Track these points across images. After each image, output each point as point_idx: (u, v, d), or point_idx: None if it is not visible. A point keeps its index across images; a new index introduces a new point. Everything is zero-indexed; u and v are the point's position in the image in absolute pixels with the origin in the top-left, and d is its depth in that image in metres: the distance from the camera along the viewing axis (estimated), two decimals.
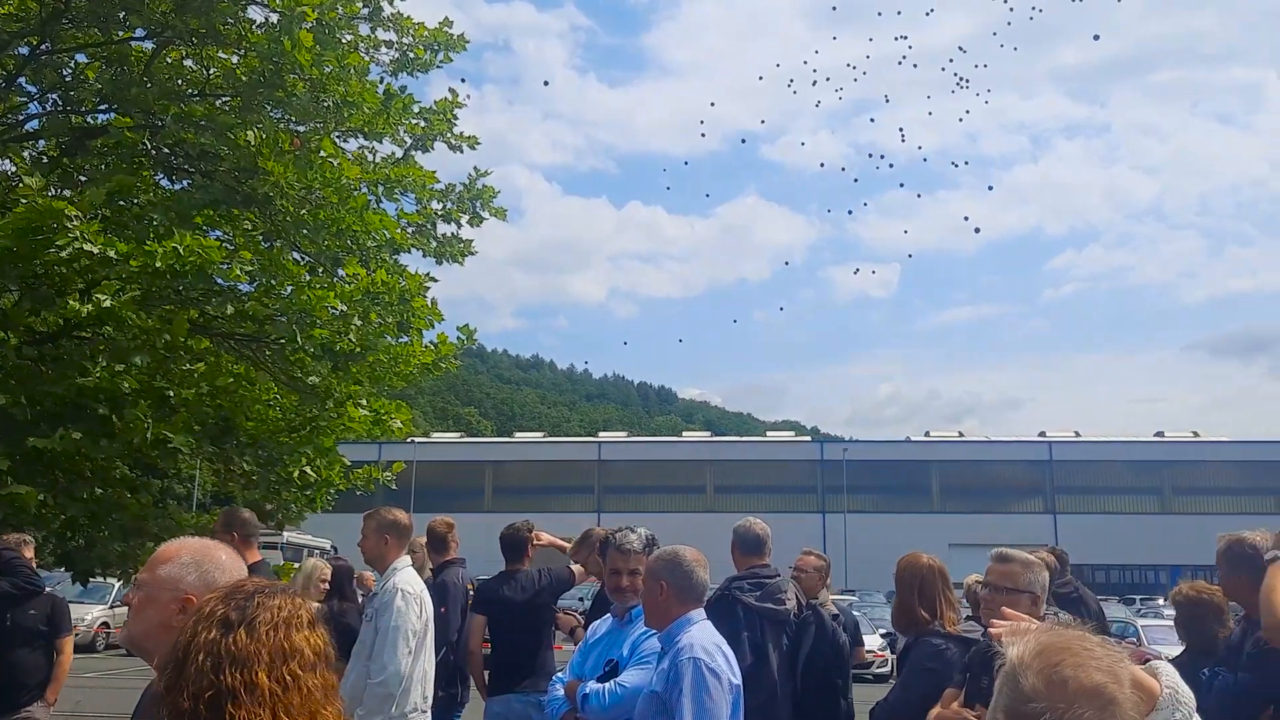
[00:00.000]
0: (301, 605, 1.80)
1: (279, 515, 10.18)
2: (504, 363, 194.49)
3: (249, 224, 9.21)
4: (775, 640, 5.06)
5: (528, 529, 6.70)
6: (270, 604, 1.75)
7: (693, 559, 3.80)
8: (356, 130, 9.28)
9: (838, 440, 76.87)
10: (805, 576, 7.18)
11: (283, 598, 1.78)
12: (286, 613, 1.75)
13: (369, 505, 6.29)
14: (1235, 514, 53.60)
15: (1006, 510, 61.82)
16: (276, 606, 1.75)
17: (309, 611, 1.80)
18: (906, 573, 4.63)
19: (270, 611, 1.73)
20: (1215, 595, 4.92)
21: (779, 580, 5.27)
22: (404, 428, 9.87)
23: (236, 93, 8.81)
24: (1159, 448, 65.31)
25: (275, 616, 1.73)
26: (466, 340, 9.84)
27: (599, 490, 64.43)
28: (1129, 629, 23.22)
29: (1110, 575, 57.94)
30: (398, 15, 9.54)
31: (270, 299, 8.37)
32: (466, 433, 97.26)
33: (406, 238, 9.65)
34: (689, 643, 3.55)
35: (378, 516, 5.58)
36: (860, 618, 24.22)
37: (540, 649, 6.41)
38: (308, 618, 1.78)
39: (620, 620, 4.31)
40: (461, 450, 70.61)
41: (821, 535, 57.53)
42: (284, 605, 1.76)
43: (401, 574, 5.42)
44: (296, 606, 1.78)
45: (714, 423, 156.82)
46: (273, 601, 1.76)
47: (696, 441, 73.62)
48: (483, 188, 10.05)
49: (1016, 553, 4.00)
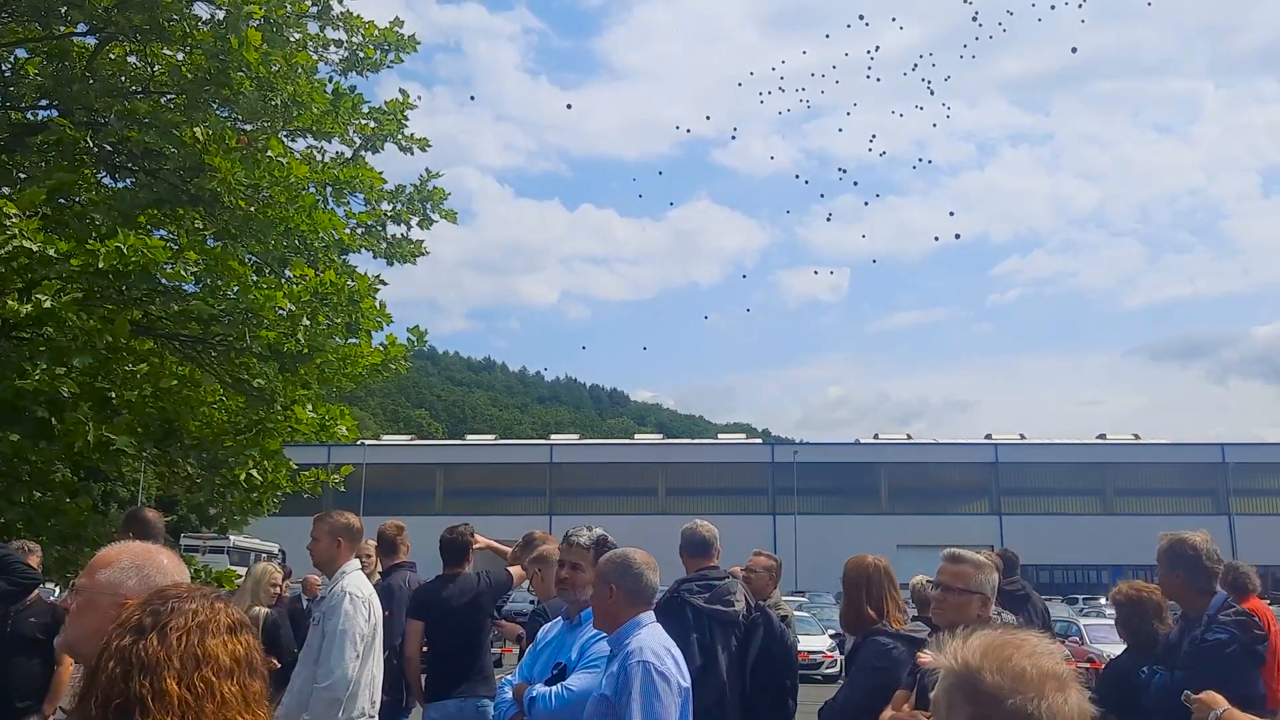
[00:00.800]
0: (220, 610, 1.73)
1: (224, 519, 10.01)
2: (455, 365, 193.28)
3: (195, 223, 9.08)
4: (724, 642, 5.08)
5: (469, 533, 6.66)
6: (185, 609, 1.69)
7: (642, 562, 3.80)
8: (305, 129, 9.19)
9: (788, 442, 77.34)
10: (756, 577, 7.21)
11: (200, 602, 1.72)
12: (202, 618, 1.69)
13: (317, 508, 6.22)
14: (1174, 514, 54.78)
15: (953, 511, 62.59)
16: (191, 611, 1.69)
17: (229, 616, 1.74)
18: (854, 573, 4.67)
19: (184, 617, 1.67)
20: (1154, 594, 5.02)
21: (728, 582, 5.29)
22: (350, 433, 9.78)
23: (182, 90, 8.68)
24: (1101, 450, 66.51)
25: (189, 622, 1.67)
26: (417, 342, 9.78)
27: (551, 493, 64.24)
28: (1071, 628, 23.60)
29: (1054, 575, 58.87)
30: (347, 14, 9.46)
31: (216, 299, 8.25)
32: (417, 435, 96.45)
33: (355, 238, 9.57)
34: (638, 646, 3.55)
35: (330, 519, 5.52)
36: (809, 618, 24.44)
37: (478, 653, 6.36)
38: (226, 622, 1.72)
39: (570, 623, 4.30)
40: (412, 453, 70.04)
41: (772, 536, 57.83)
42: (200, 609, 1.70)
43: (350, 577, 5.36)
44: (214, 611, 1.72)
45: (666, 425, 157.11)
46: (188, 606, 1.70)
47: (648, 444, 73.67)
48: (433, 189, 10.00)
49: (968, 554, 4.06)
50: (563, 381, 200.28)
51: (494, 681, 6.11)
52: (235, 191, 8.25)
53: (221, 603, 1.76)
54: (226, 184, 8.16)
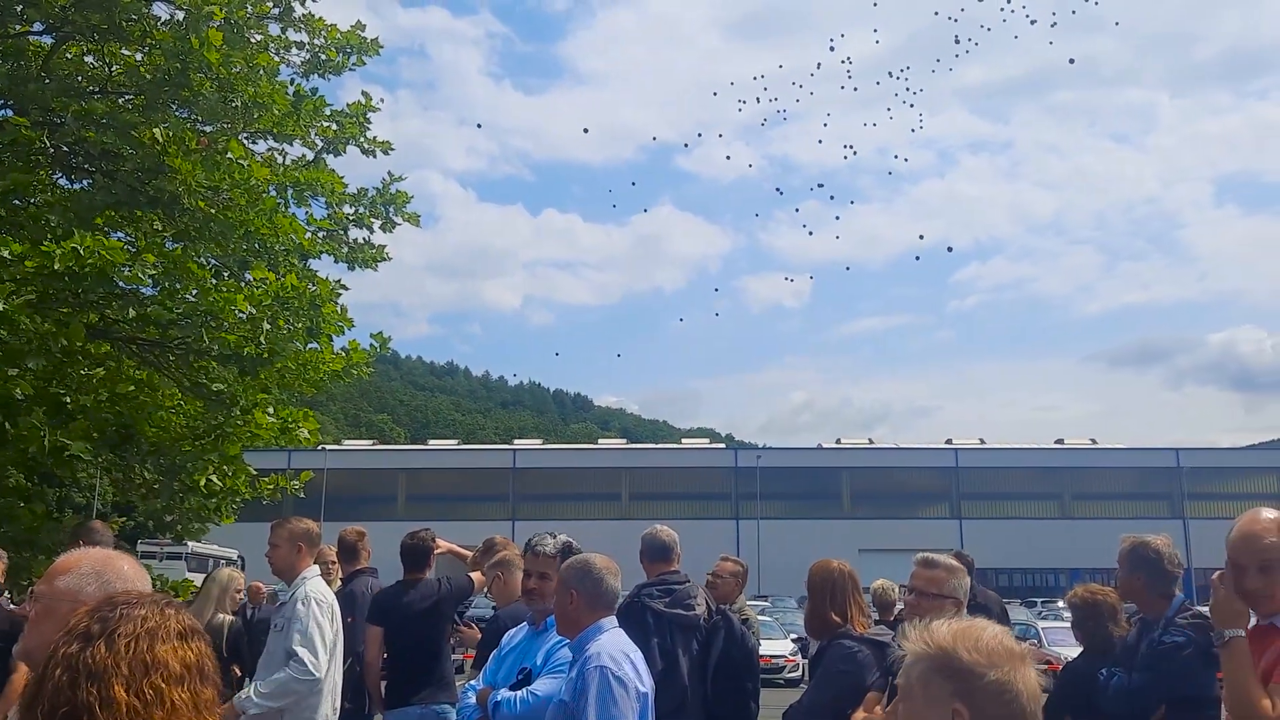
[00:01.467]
0: (171, 616, 1.71)
1: (181, 525, 9.88)
2: (418, 369, 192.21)
3: (154, 225, 8.96)
4: (685, 646, 5.09)
5: (430, 538, 6.62)
6: (134, 615, 1.66)
7: (603, 567, 3.80)
8: (266, 131, 9.10)
9: (752, 447, 77.58)
10: (722, 583, 7.24)
11: (149, 608, 1.69)
12: (151, 624, 1.66)
13: (277, 514, 6.17)
14: (1130, 518, 55.62)
15: (914, 515, 63.10)
16: (141, 618, 1.66)
17: (180, 622, 1.71)
18: (818, 578, 4.70)
19: (133, 623, 1.64)
20: (1109, 596, 5.09)
21: (688, 586, 5.30)
22: (312, 437, 9.69)
23: (140, 91, 8.57)
24: (1059, 455, 67.33)
25: (138, 628, 1.64)
26: (380, 348, 9.72)
27: (513, 498, 64.01)
28: (1030, 631, 23.85)
29: (1013, 579, 59.49)
30: (309, 16, 9.39)
31: (175, 302, 8.15)
32: (379, 440, 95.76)
33: (316, 243, 9.49)
34: (597, 651, 3.55)
35: (289, 525, 5.47)
36: (772, 622, 24.52)
37: (439, 660, 6.32)
38: (177, 629, 1.69)
39: (535, 628, 4.29)
40: (374, 458, 69.53)
41: (735, 541, 57.98)
42: (149, 615, 1.67)
43: (312, 583, 5.34)
44: (164, 618, 1.69)
45: (630, 430, 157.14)
46: (137, 612, 1.67)
47: (612, 449, 73.64)
48: (396, 193, 9.94)
49: (941, 558, 4.09)
50: (526, 386, 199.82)
51: (455, 688, 6.08)
52: (195, 194, 8.15)
53: (172, 609, 1.73)
54: (186, 186, 8.06)
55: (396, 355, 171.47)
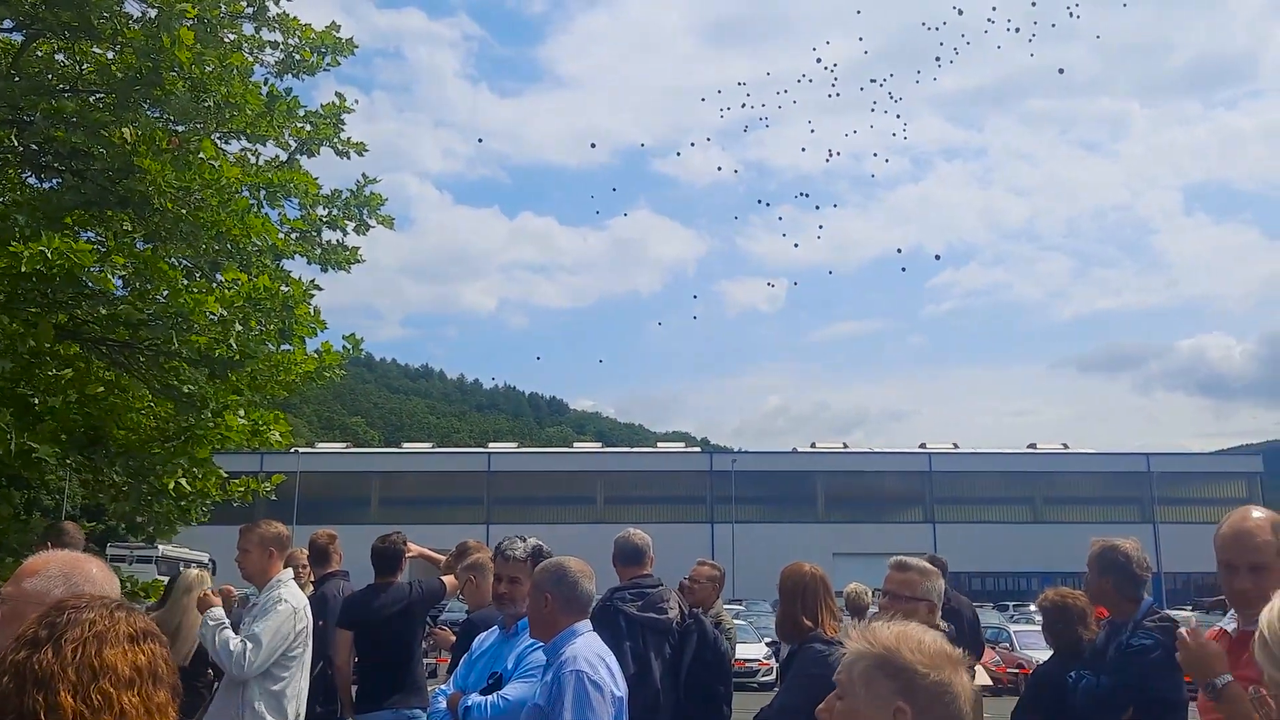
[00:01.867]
0: (120, 619, 1.68)
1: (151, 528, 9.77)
2: (393, 372, 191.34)
3: (124, 225, 8.87)
4: (658, 649, 5.09)
5: (401, 541, 6.59)
6: (82, 619, 1.64)
7: (578, 570, 3.79)
8: (239, 132, 9.03)
9: (727, 451, 77.71)
10: (700, 587, 7.24)
11: (97, 611, 1.67)
12: (100, 628, 1.63)
13: (248, 517, 6.12)
14: (1101, 522, 56.14)
15: (888, 520, 63.36)
16: (89, 621, 1.63)
17: (130, 625, 1.68)
18: (789, 582, 4.71)
19: (81, 627, 1.62)
20: (1078, 599, 5.12)
21: (661, 590, 5.30)
22: (283, 439, 9.61)
23: (111, 90, 8.48)
24: (1031, 459, 67.82)
25: (85, 632, 1.61)
26: (353, 350, 9.64)
27: (488, 501, 63.80)
28: (1002, 634, 23.99)
29: (985, 583, 59.84)
30: (284, 16, 9.32)
31: (145, 303, 8.06)
32: (353, 443, 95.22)
33: (289, 244, 9.42)
34: (572, 655, 3.55)
35: (260, 530, 5.43)
36: (746, 626, 24.56)
37: (410, 664, 6.29)
38: (127, 632, 1.66)
39: (507, 632, 4.28)
40: (347, 460, 69.13)
41: (710, 544, 58.03)
42: (97, 619, 1.65)
43: (287, 587, 5.31)
44: (114, 621, 1.66)
45: (605, 434, 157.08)
46: (85, 616, 1.64)
47: (586, 452, 73.60)
48: (370, 194, 9.88)
49: (915, 561, 4.11)
50: (501, 389, 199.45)
51: (426, 692, 6.05)
52: (165, 194, 8.06)
53: (122, 612, 1.70)
54: (157, 186, 7.97)
55: (371, 358, 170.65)
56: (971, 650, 7.77)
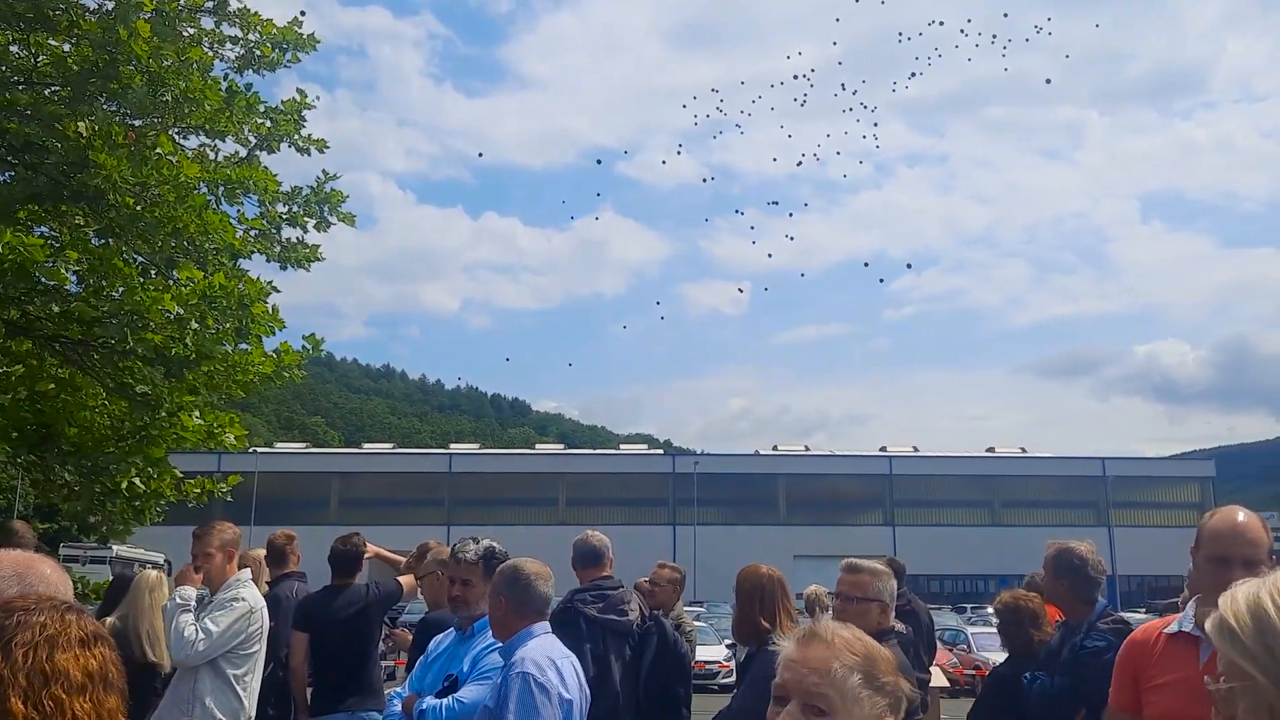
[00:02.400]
0: (71, 622, 1.64)
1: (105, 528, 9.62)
2: (353, 372, 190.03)
3: (78, 220, 8.72)
4: (618, 651, 5.09)
5: (361, 543, 6.54)
6: (32, 622, 1.59)
7: (532, 572, 3.78)
8: (197, 127, 8.92)
9: (689, 453, 77.85)
10: (660, 590, 7.26)
11: (49, 615, 1.63)
12: (51, 631, 1.59)
13: (204, 517, 6.05)
14: (1058, 525, 56.72)
15: (848, 522, 63.73)
16: (40, 624, 1.60)
17: (82, 629, 1.65)
18: (747, 584, 4.71)
19: (31, 631, 1.58)
20: (1032, 602, 5.18)
21: (621, 591, 5.30)
22: (238, 442, 9.50)
23: (67, 82, 8.34)
24: (989, 463, 68.48)
25: (36, 636, 1.57)
26: (312, 350, 9.55)
27: (449, 503, 63.45)
28: (960, 636, 24.21)
29: (944, 585, 60.36)
30: (244, 10, 9.23)
31: (99, 300, 7.94)
32: (313, 443, 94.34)
33: (248, 242, 9.31)
34: (521, 657, 3.54)
35: (220, 534, 5.38)
36: (707, 628, 24.60)
37: (366, 666, 6.24)
38: (78, 635, 1.63)
39: (463, 634, 4.25)
40: (307, 461, 68.46)
41: (672, 546, 58.12)
42: (48, 623, 1.61)
43: (244, 587, 5.27)
44: (65, 624, 1.63)
45: (568, 435, 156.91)
46: (35, 619, 1.60)
47: (548, 454, 73.41)
48: (331, 192, 9.79)
49: (865, 562, 4.13)
50: (464, 390, 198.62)
51: (383, 695, 6.01)
52: (121, 189, 7.94)
53: (73, 614, 1.66)
54: (112, 181, 7.85)
55: (332, 357, 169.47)
56: (926, 652, 7.84)
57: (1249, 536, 2.99)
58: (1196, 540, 3.10)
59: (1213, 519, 3.10)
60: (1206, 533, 3.06)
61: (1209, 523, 3.09)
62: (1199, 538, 3.09)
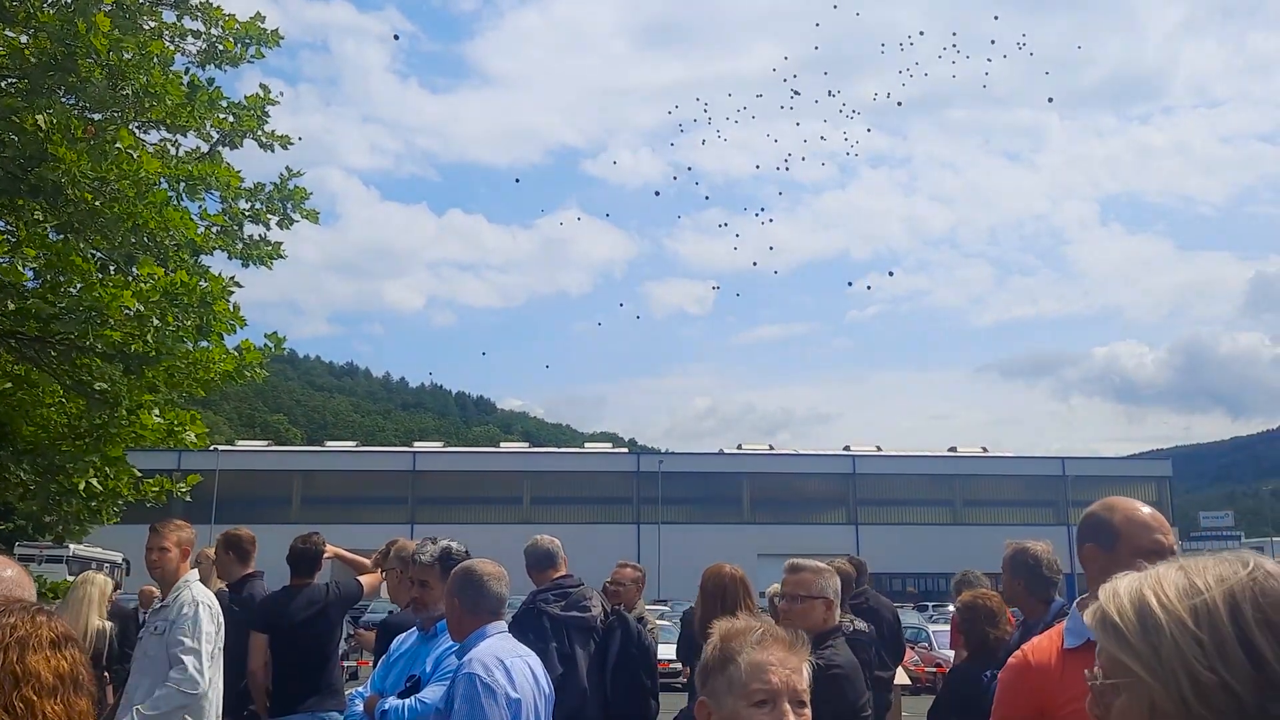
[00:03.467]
0: (43, 624, 1.62)
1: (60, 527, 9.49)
2: (316, 369, 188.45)
3: (35, 215, 8.59)
4: (583, 646, 5.11)
5: (321, 543, 6.50)
6: (3, 623, 1.57)
7: (485, 573, 3.77)
8: (158, 122, 8.81)
9: (654, 452, 77.94)
10: (624, 590, 7.29)
11: (19, 616, 1.60)
12: (22, 633, 1.57)
13: (163, 516, 5.98)
14: (1019, 524, 57.32)
15: (812, 521, 64.06)
16: (10, 626, 1.57)
17: (52, 630, 1.63)
18: (710, 583, 4.74)
19: (2, 631, 1.56)
20: (990, 600, 5.24)
21: (583, 589, 5.32)
22: (199, 440, 9.40)
23: (24, 74, 8.21)
24: (951, 462, 69.13)
25: (7, 637, 1.55)
26: (274, 348, 9.47)
27: (413, 501, 63.10)
28: (920, 634, 24.42)
29: (906, 584, 60.83)
30: (206, 4, 9.14)
31: (57, 296, 7.82)
32: (275, 441, 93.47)
33: (209, 238, 9.22)
34: (470, 657, 3.55)
35: (177, 531, 5.35)
36: (670, 626, 24.65)
37: (326, 666, 6.20)
38: (49, 637, 1.61)
39: (425, 634, 4.24)
40: (268, 459, 67.78)
41: (636, 545, 58.16)
42: (19, 624, 1.58)
43: (195, 586, 5.22)
44: (36, 626, 1.60)
45: (533, 434, 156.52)
46: (5, 620, 1.58)
47: (512, 452, 73.19)
48: (294, 188, 9.72)
49: (807, 561, 4.17)
50: (428, 388, 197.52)
51: (343, 695, 5.98)
52: (80, 184, 7.83)
53: (44, 616, 1.65)
54: (71, 175, 7.74)
55: (294, 354, 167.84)
56: (892, 652, 7.90)
57: (1166, 526, 2.79)
58: (1106, 536, 2.79)
59: (1129, 511, 2.81)
60: (1133, 525, 2.77)
61: (1129, 514, 2.80)
62: (1112, 532, 2.78)
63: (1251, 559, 1.15)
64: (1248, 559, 1.15)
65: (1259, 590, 1.10)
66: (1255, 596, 1.10)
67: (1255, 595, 1.10)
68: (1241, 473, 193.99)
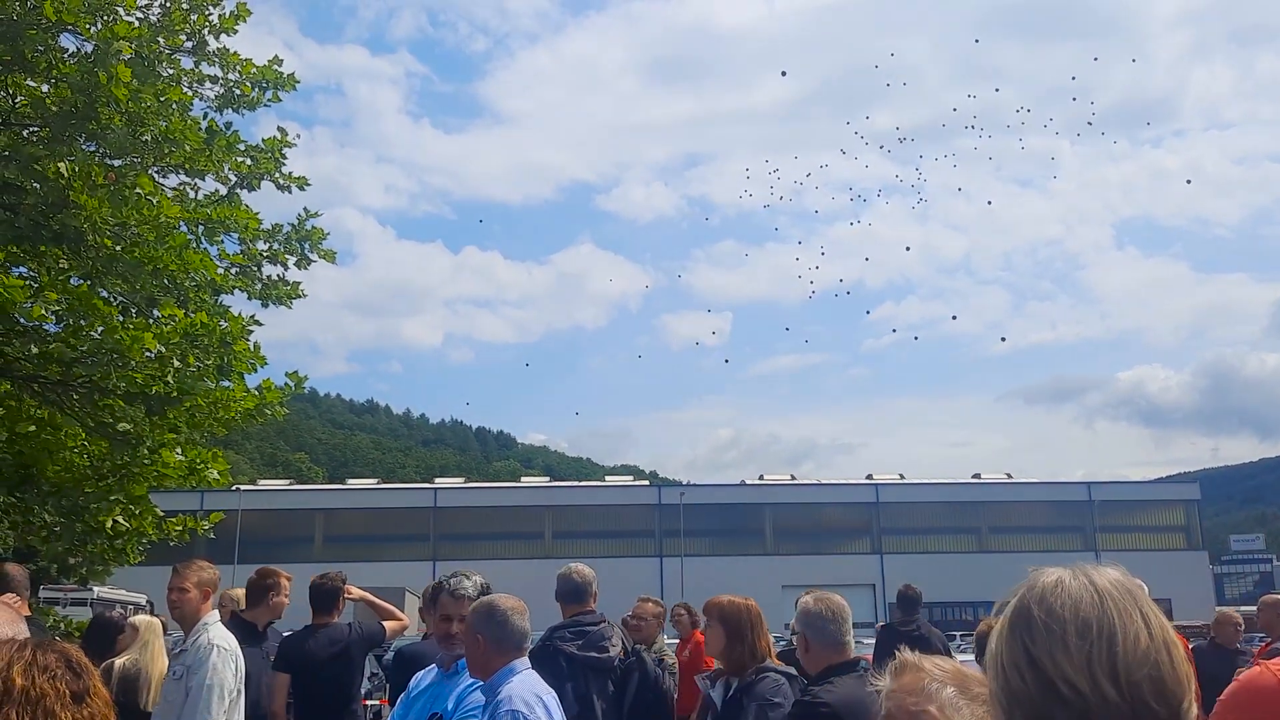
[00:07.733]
0: (60, 673, 1.57)
1: (85, 569, 9.54)
2: (336, 407, 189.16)
3: (58, 261, 8.71)
4: (600, 689, 5.05)
5: (340, 580, 6.47)
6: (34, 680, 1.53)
7: (508, 608, 3.75)
8: (177, 166, 8.94)
9: (675, 484, 77.65)
10: (645, 625, 7.26)
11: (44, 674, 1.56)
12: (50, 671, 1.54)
13: (187, 556, 6.00)
14: (1045, 551, 56.85)
15: (836, 551, 63.60)
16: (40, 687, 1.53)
17: (72, 680, 1.58)
18: (733, 617, 4.68)
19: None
20: None
21: (603, 627, 5.26)
22: (222, 478, 9.45)
23: (46, 123, 8.35)
24: (976, 489, 68.57)
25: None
26: (295, 387, 9.53)
27: (434, 538, 63.04)
28: None
29: (932, 612, 60.06)
30: (223, 50, 9.27)
31: (79, 340, 7.91)
32: (296, 479, 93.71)
33: (229, 279, 9.31)
34: (508, 695, 3.51)
35: (199, 572, 5.33)
36: None
37: (348, 706, 6.17)
38: (69, 691, 1.56)
39: (446, 671, 4.21)
40: (290, 498, 67.95)
41: (659, 578, 57.82)
42: (44, 686, 1.54)
43: (214, 629, 5.19)
44: (55, 682, 1.56)
45: (554, 468, 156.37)
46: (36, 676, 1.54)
47: (533, 487, 73.08)
48: (311, 229, 9.81)
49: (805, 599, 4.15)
50: (448, 424, 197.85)
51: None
52: (101, 229, 7.94)
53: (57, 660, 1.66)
54: (92, 222, 7.85)
55: (315, 393, 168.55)
56: None
57: None
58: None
59: None
60: None
61: None
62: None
63: None
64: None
65: None
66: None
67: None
68: (1272, 494, 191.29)
